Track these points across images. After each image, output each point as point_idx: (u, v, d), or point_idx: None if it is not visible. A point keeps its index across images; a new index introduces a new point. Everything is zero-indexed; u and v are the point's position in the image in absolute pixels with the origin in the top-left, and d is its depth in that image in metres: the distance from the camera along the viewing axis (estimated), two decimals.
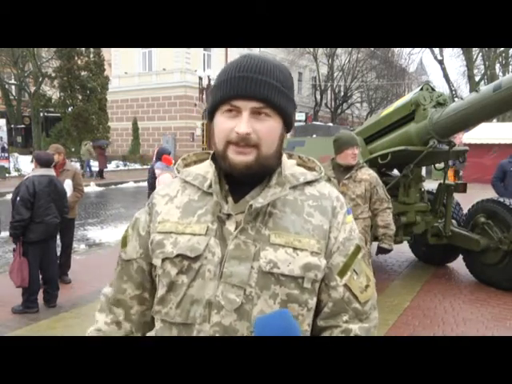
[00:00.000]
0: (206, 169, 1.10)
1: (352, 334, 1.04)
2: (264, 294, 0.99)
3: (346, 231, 1.08)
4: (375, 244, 4.01)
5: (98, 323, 1.16)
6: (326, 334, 1.06)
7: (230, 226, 1.02)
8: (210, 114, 1.06)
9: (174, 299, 1.03)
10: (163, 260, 1.04)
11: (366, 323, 1.07)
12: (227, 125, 1.00)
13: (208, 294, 0.99)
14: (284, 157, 1.11)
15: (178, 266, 1.02)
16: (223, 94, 1.00)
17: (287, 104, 1.03)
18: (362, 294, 1.07)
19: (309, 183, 1.10)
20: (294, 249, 1.01)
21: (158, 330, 1.07)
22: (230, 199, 1.04)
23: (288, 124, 1.06)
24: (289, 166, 1.10)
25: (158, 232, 1.06)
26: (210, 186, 1.06)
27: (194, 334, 1.00)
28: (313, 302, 1.04)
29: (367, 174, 3.75)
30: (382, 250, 3.91)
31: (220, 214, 1.02)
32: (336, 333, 1.05)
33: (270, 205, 1.03)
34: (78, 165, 20.22)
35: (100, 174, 20.15)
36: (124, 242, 1.17)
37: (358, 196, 3.75)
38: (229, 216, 1.02)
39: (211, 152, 1.17)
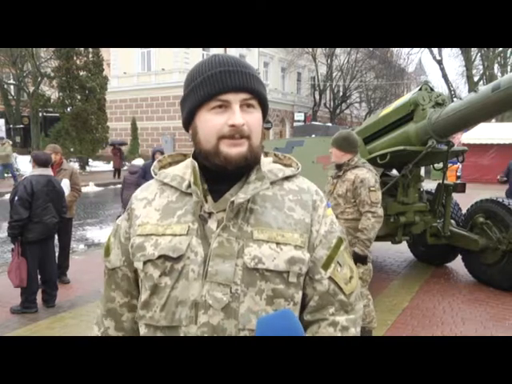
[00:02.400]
0: (184, 169, 1.10)
1: (339, 326, 1.05)
2: (250, 290, 0.99)
3: (327, 224, 1.10)
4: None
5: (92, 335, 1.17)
6: (314, 327, 1.07)
7: (212, 224, 1.01)
8: (189, 118, 1.05)
9: (157, 302, 1.02)
10: (145, 263, 1.02)
11: (351, 314, 1.08)
12: (217, 120, 0.99)
13: (193, 295, 0.99)
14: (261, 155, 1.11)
15: (161, 267, 1.01)
16: (210, 90, 0.99)
17: (266, 94, 1.06)
18: (347, 285, 1.08)
19: (287, 179, 1.10)
20: (278, 244, 1.01)
21: (143, 335, 1.06)
22: (209, 198, 1.04)
23: (264, 115, 1.07)
24: (266, 163, 1.11)
25: (137, 235, 1.05)
26: (189, 187, 1.05)
27: (181, 336, 0.99)
28: (298, 296, 1.04)
29: (355, 173, 3.71)
30: (353, 255, 3.68)
31: (202, 213, 1.01)
32: (323, 326, 1.06)
33: (250, 201, 1.03)
34: (76, 165, 20.22)
35: (115, 173, 20.14)
36: (107, 251, 1.15)
37: (339, 195, 3.76)
38: (210, 214, 1.02)
39: (186, 153, 1.18)
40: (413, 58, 39.45)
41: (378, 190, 3.72)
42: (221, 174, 1.03)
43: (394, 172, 6.25)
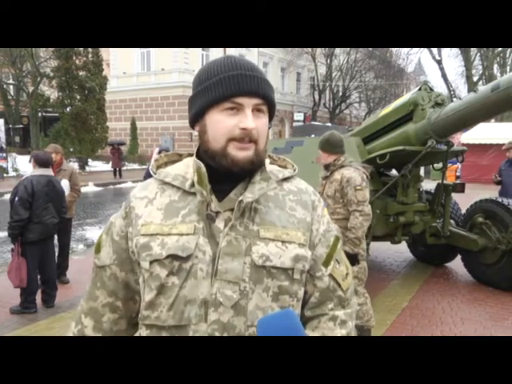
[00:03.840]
0: (185, 169, 1.11)
1: (338, 320, 1.10)
2: (258, 287, 1.01)
3: (325, 223, 1.14)
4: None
5: (68, 332, 1.17)
6: (314, 322, 1.11)
7: (220, 223, 1.03)
8: (197, 116, 1.06)
9: (164, 302, 1.02)
10: (151, 262, 1.02)
11: (348, 309, 1.14)
12: (229, 122, 1.01)
13: (202, 294, 1.00)
14: None
15: (168, 267, 1.01)
16: (225, 92, 1.00)
17: (275, 101, 1.08)
18: (344, 281, 1.14)
19: (286, 180, 1.14)
20: (283, 242, 1.04)
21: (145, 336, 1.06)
22: (213, 197, 1.05)
23: (270, 120, 1.10)
24: (266, 165, 1.12)
25: (142, 235, 1.05)
26: (192, 186, 1.06)
27: (190, 334, 1.00)
28: (301, 293, 1.08)
29: (341, 173, 3.72)
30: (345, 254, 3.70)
31: (209, 212, 1.03)
32: (323, 321, 1.10)
33: (254, 201, 1.04)
34: (75, 165, 20.21)
35: (114, 172, 20.19)
36: (97, 248, 1.15)
37: (328, 196, 3.76)
38: (217, 214, 1.03)
39: (181, 153, 1.19)
40: (412, 57, 39.89)
41: (364, 188, 3.69)
42: (225, 175, 1.04)
43: (394, 172, 6.26)
